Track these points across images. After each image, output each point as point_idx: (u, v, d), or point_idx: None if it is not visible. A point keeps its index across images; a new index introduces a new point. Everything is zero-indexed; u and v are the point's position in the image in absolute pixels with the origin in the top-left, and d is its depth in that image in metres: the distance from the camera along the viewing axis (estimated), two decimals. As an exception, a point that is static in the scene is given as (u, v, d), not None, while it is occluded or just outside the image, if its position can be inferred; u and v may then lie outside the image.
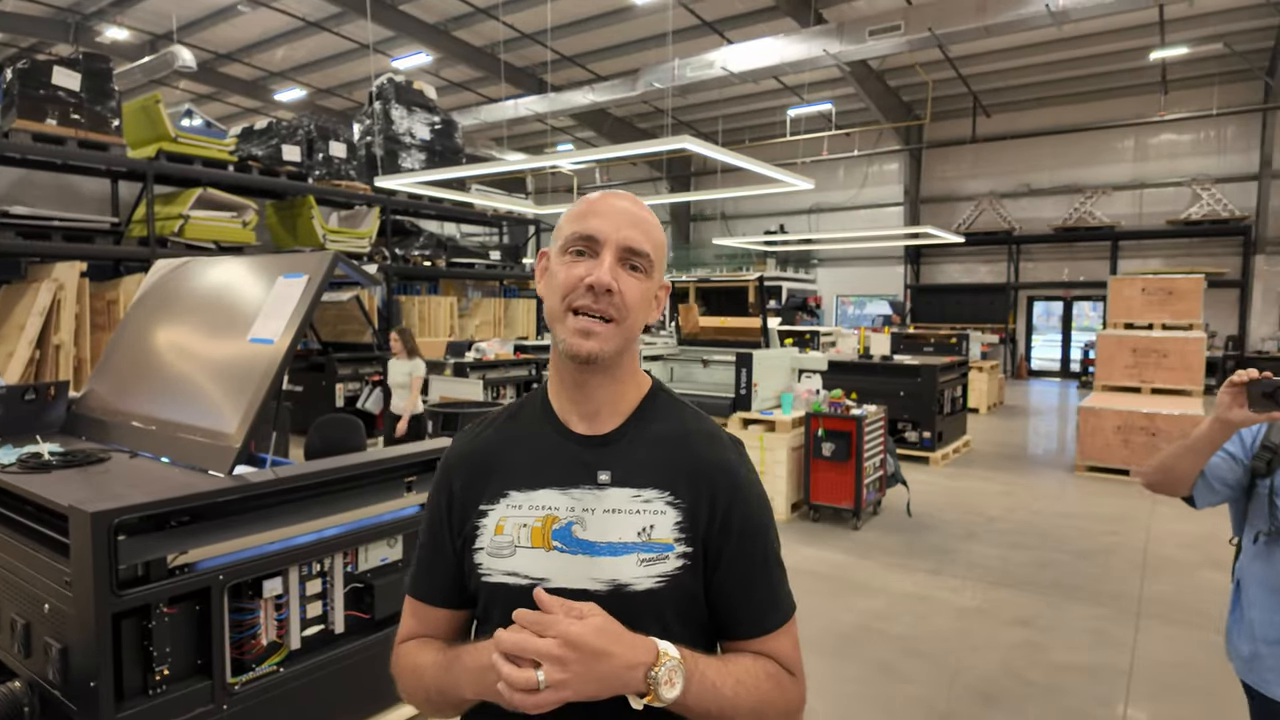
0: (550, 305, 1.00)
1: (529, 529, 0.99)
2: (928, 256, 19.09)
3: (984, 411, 11.84)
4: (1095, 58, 14.62)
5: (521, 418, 1.09)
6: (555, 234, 1.04)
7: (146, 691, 2.11)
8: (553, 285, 0.99)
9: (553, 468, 1.01)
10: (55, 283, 6.73)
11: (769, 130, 18.83)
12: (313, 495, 2.56)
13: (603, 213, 0.99)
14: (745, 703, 0.95)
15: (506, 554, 0.99)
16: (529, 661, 0.83)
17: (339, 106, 18.57)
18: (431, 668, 1.00)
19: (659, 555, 0.97)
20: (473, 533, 1.02)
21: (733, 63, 12.74)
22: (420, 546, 1.10)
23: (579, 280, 0.96)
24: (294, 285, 2.80)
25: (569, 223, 1.01)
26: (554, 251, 1.02)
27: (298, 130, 10.08)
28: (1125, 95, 15.92)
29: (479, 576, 1.00)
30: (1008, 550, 5.30)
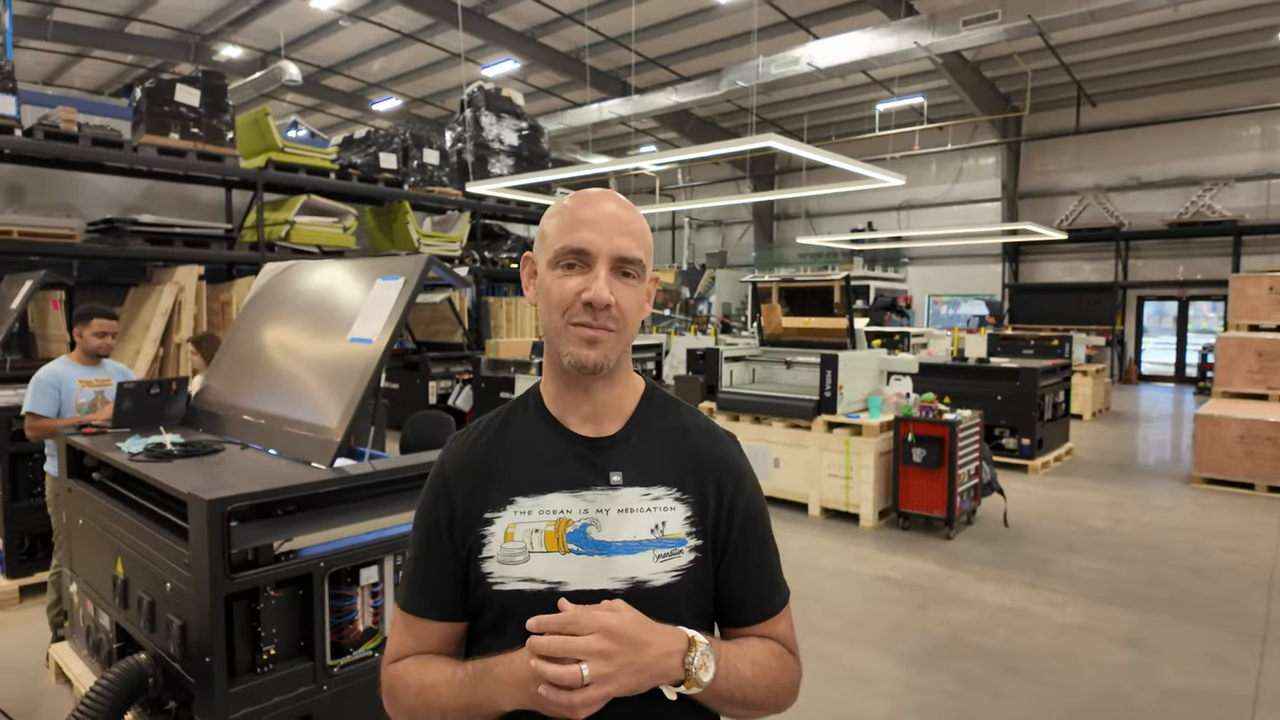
0: (548, 320, 0.99)
1: (541, 533, 0.99)
2: (1027, 254, 18.19)
3: (1088, 418, 11.19)
4: (1215, 40, 13.58)
5: (516, 422, 1.07)
6: (540, 241, 1.03)
7: (255, 669, 2.25)
8: (548, 300, 0.99)
9: (560, 471, 1.01)
10: (176, 285, 7.25)
11: (856, 126, 18.38)
12: (407, 488, 2.66)
13: (591, 222, 0.97)
14: (761, 683, 0.98)
15: (520, 560, 0.98)
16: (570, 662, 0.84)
17: (432, 114, 19.26)
18: (448, 684, 0.96)
19: (673, 550, 1.00)
20: (479, 542, 1.00)
21: (819, 58, 12.50)
22: (414, 560, 1.05)
23: (575, 296, 0.96)
24: (391, 287, 2.92)
25: (558, 234, 0.99)
26: (543, 262, 1.01)
27: (394, 138, 10.51)
28: (1249, 79, 14.71)
29: (489, 585, 0.99)
30: (1113, 564, 4.99)
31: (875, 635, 3.91)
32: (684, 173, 23.25)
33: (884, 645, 3.79)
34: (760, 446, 6.43)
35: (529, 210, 11.93)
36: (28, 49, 14.52)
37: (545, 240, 1.01)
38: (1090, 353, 12.28)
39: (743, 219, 23.48)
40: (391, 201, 10.32)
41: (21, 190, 7.91)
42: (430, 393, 8.73)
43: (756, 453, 6.47)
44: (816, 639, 3.85)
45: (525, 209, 11.83)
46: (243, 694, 2.20)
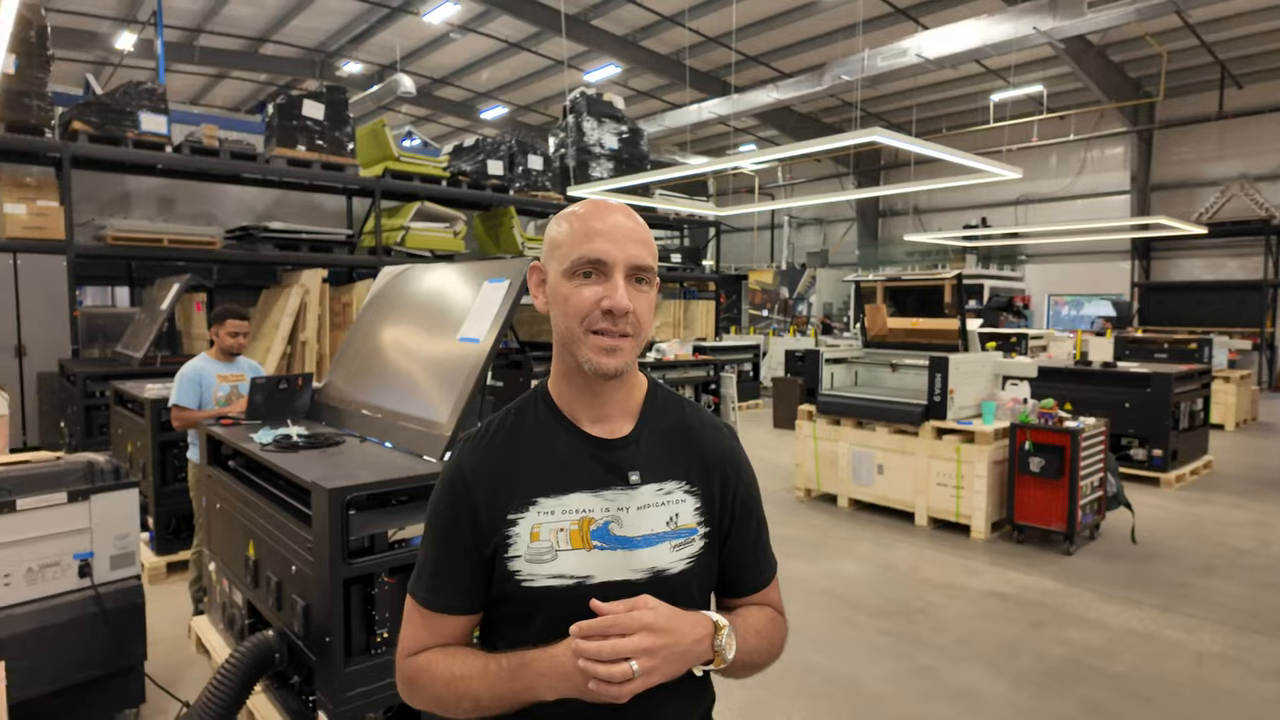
0: (566, 327, 1.03)
1: (566, 532, 1.03)
2: (1160, 250, 16.84)
3: (1231, 428, 10.24)
4: (1390, 8, 12.15)
5: (527, 424, 1.09)
6: (552, 251, 1.05)
7: (369, 651, 2.38)
8: (566, 308, 1.02)
9: (579, 472, 1.05)
10: (302, 288, 7.76)
11: (969, 118, 17.56)
12: (510, 484, 2.75)
13: (606, 233, 1.01)
14: (763, 647, 1.11)
15: (548, 559, 1.02)
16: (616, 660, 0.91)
17: (536, 121, 19.79)
18: (481, 676, 0.99)
19: (686, 539, 1.09)
20: (504, 542, 1.02)
21: (929, 49, 12.00)
22: (433, 559, 1.06)
23: (594, 304, 1.00)
24: (497, 289, 3.02)
25: (572, 244, 1.02)
26: (556, 272, 1.03)
27: (500, 146, 10.86)
28: None
29: (517, 583, 1.02)
30: (1261, 590, 4.55)
31: (986, 653, 3.72)
32: (784, 170, 22.89)
33: (996, 664, 3.60)
34: (863, 452, 6.25)
35: (629, 212, 12.05)
36: (177, 72, 15.91)
37: (558, 249, 1.04)
38: (1234, 357, 11.24)
39: (845, 216, 22.87)
40: (498, 207, 10.67)
41: (172, 202, 8.67)
42: (532, 391, 8.97)
43: (859, 458, 6.29)
44: (923, 655, 3.70)
45: (625, 211, 11.96)
46: (358, 674, 2.32)
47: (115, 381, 5.25)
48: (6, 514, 2.66)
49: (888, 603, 4.38)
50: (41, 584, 2.74)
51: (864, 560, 5.14)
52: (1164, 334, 11.55)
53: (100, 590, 2.83)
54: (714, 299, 14.40)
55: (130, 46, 13.33)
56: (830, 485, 6.53)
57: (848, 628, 4.03)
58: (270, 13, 14.09)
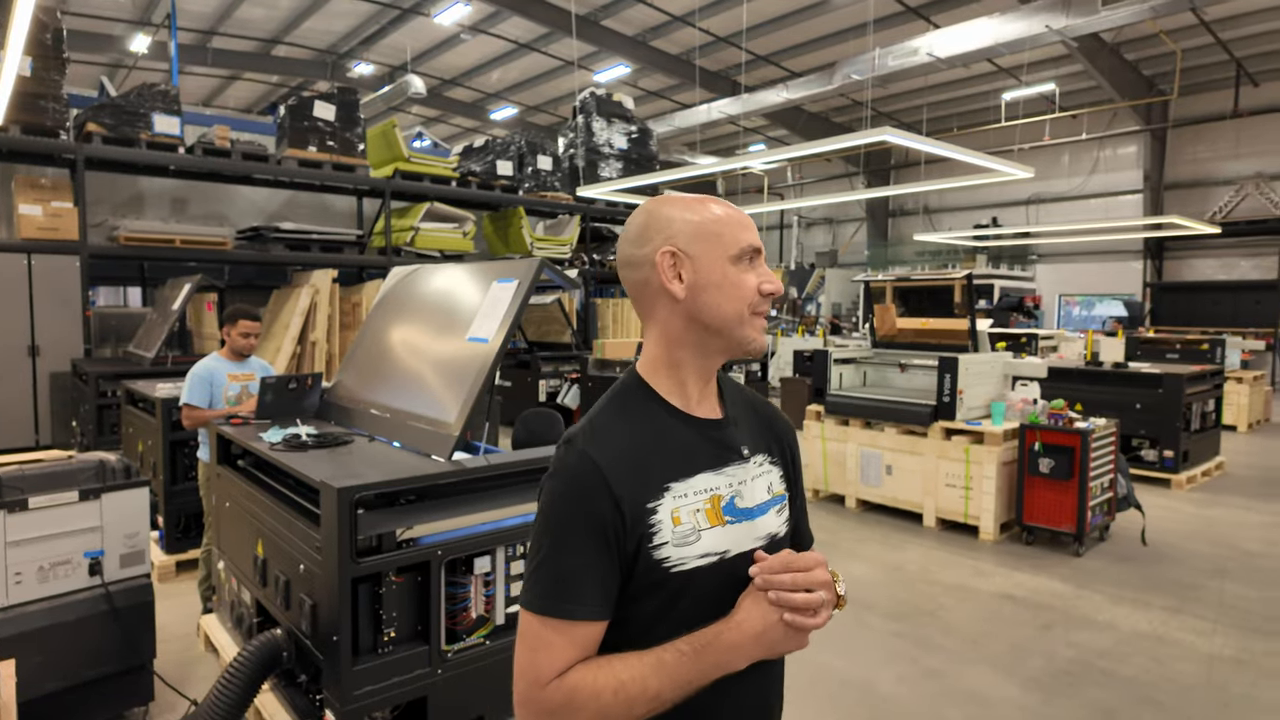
0: (734, 310, 1.07)
1: (702, 512, 1.05)
2: (1173, 250, 16.69)
3: (1243, 430, 10.14)
4: None
5: (636, 414, 1.08)
6: (710, 238, 1.07)
7: (376, 650, 2.39)
8: (738, 293, 1.06)
9: (700, 453, 1.08)
10: (313, 288, 7.80)
11: (980, 117, 17.47)
12: (519, 481, 2.76)
13: (747, 224, 1.10)
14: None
15: (693, 541, 1.03)
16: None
17: (545, 122, 19.82)
18: (657, 671, 0.96)
19: (782, 504, 1.17)
20: (648, 532, 1.01)
21: (940, 48, 11.95)
22: (580, 566, 0.98)
23: (755, 288, 1.07)
24: (506, 289, 3.03)
25: (736, 231, 1.08)
26: (721, 258, 1.07)
27: (510, 146, 10.89)
28: None
29: (666, 570, 1.01)
30: (1273, 592, 4.50)
31: (995, 655, 3.70)
32: (794, 170, 22.83)
33: (1005, 666, 3.58)
34: (871, 452, 6.23)
35: (637, 212, 12.06)
36: (190, 74, 16.03)
37: (719, 236, 1.07)
38: (1247, 358, 11.12)
39: (855, 216, 22.79)
40: (507, 207, 10.70)
41: (185, 202, 8.75)
42: (540, 391, 8.99)
43: (867, 459, 6.27)
44: (932, 657, 3.69)
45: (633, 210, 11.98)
46: (365, 673, 2.34)
47: (126, 381, 5.29)
48: (19, 512, 2.69)
49: (898, 604, 4.37)
50: (53, 582, 2.76)
51: (873, 561, 5.12)
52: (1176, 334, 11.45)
53: (110, 588, 2.85)
54: (723, 299, 14.39)
55: (144, 49, 13.43)
56: (838, 486, 6.51)
57: (860, 629, 4.02)
58: (282, 15, 14.17)
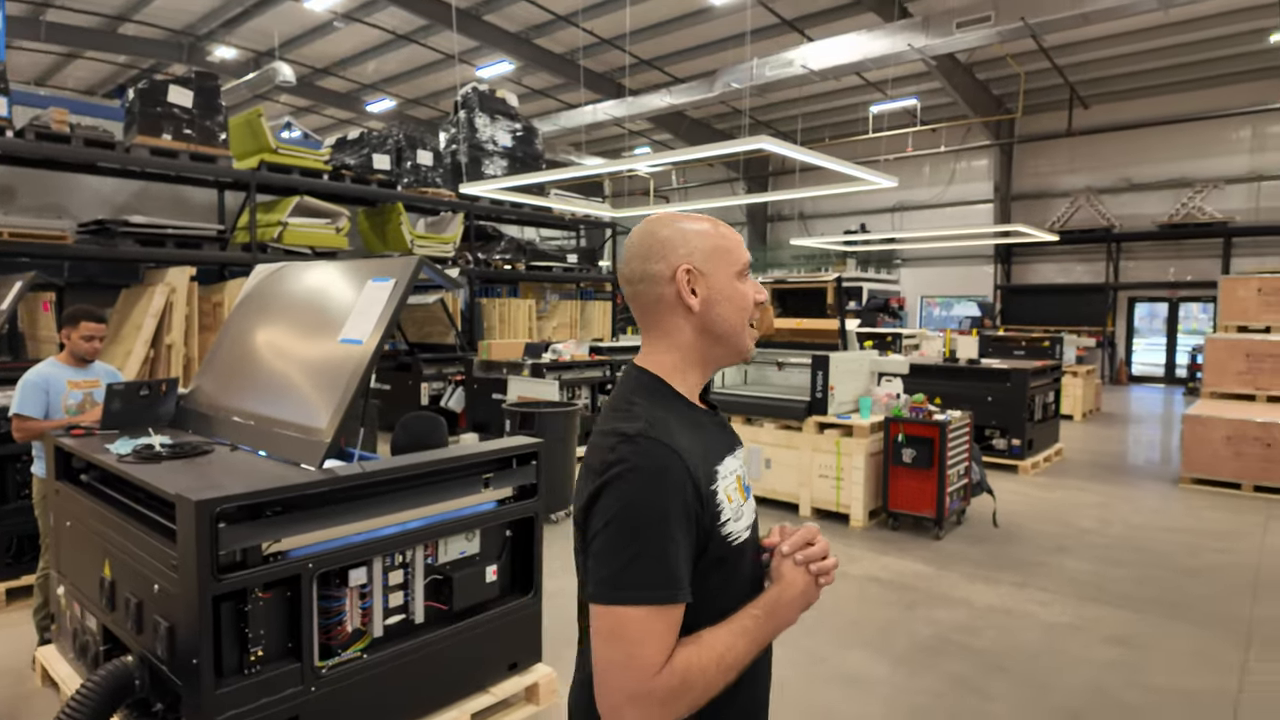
0: (738, 321, 1.19)
1: (736, 489, 1.17)
2: (1019, 256, 18.26)
3: (1079, 419, 11.24)
4: (1206, 42, 13.66)
5: (666, 406, 1.15)
6: (721, 255, 1.18)
7: (243, 670, 2.26)
8: (743, 304, 1.19)
9: (720, 441, 1.20)
10: (168, 286, 7.23)
11: (850, 128, 18.43)
12: (396, 489, 2.67)
13: (742, 241, 1.22)
14: None
15: (740, 516, 1.16)
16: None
17: (426, 116, 19.25)
18: (743, 636, 1.07)
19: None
20: (716, 511, 1.10)
21: (813, 60, 12.53)
22: (672, 552, 1.01)
23: (752, 299, 1.20)
24: (382, 289, 2.93)
25: (739, 248, 1.20)
26: (729, 274, 1.18)
27: (387, 140, 10.51)
28: (1240, 81, 14.81)
29: (729, 544, 1.13)
30: (1102, 565, 5.02)
31: (867, 636, 3.93)
32: (678, 174, 23.27)
33: (876, 646, 3.81)
34: (752, 448, 6.45)
35: (522, 210, 11.93)
36: (21, 49, 14.46)
37: (728, 254, 1.18)
38: (1081, 354, 12.34)
39: (737, 221, 23.50)
40: (385, 203, 10.32)
41: (13, 191, 7.88)
42: (422, 394, 8.73)
43: (749, 454, 6.48)
44: (810, 640, 3.87)
45: (519, 210, 11.84)
46: (230, 695, 2.20)
47: (-55, 390, 4.72)
48: None
49: (775, 593, 4.54)
50: None
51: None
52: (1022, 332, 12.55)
53: (-75, 622, 2.54)
54: (611, 300, 14.47)
55: (-38, 18, 12.00)
56: (722, 481, 6.70)
57: (737, 619, 4.16)
58: (130, -11, 13.06)
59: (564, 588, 4.55)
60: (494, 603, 3.00)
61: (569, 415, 5.81)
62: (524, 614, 3.08)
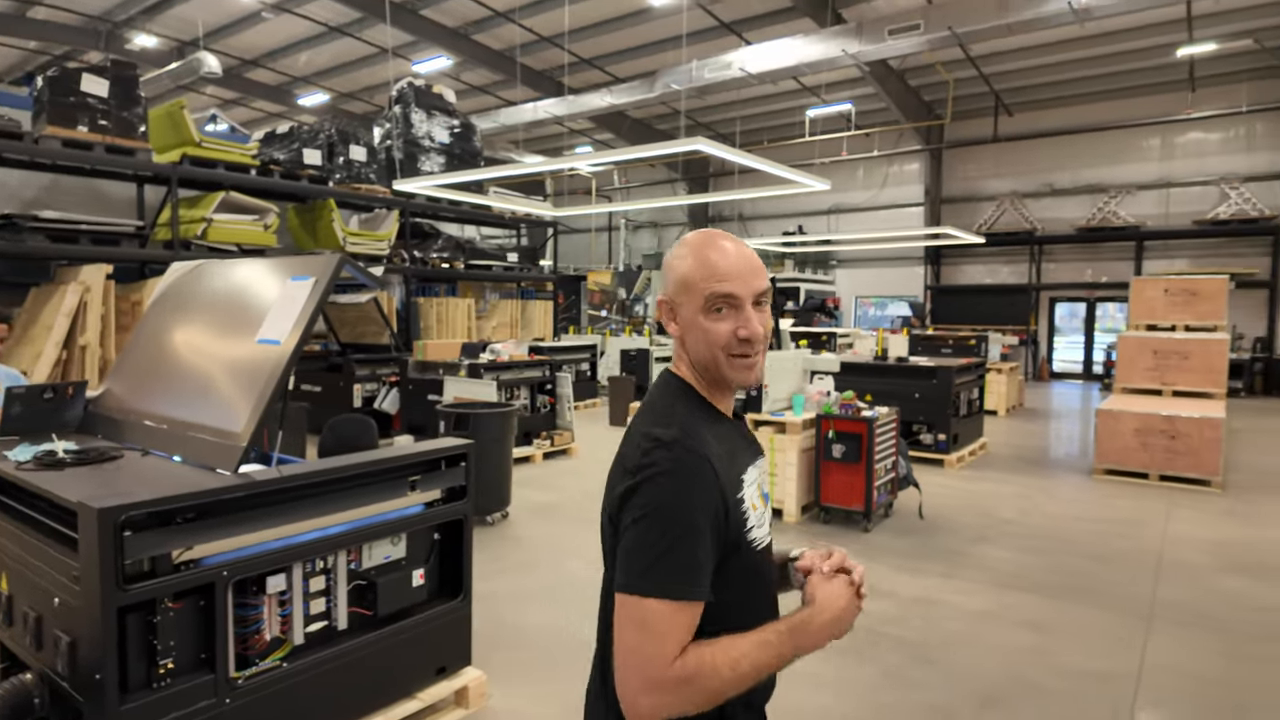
0: (708, 354, 1.19)
1: (758, 496, 1.24)
2: (948, 257, 18.90)
3: (1003, 414, 11.70)
4: (1120, 55, 14.39)
5: (698, 412, 1.21)
6: (683, 287, 1.19)
7: (150, 685, 2.17)
8: (707, 339, 1.18)
9: (744, 449, 1.25)
10: (82, 285, 6.90)
11: (788, 131, 18.77)
12: (317, 493, 2.61)
13: (731, 272, 1.17)
14: None
15: (761, 522, 1.23)
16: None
17: (361, 110, 18.81)
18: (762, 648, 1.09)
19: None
20: (741, 518, 1.17)
21: (751, 64, 12.72)
22: (695, 550, 1.08)
23: (730, 334, 1.17)
24: (301, 287, 2.86)
25: (705, 282, 1.17)
26: (691, 308, 1.18)
27: (319, 134, 10.24)
28: (1151, 93, 15.66)
29: (753, 548, 1.20)
30: (1020, 554, 5.25)
31: (795, 628, 4.01)
32: (620, 174, 23.31)
33: (803, 638, 3.89)
34: (689, 446, 6.51)
35: (460, 208, 11.78)
36: (-84, 31, 13.59)
37: (692, 287, 1.18)
38: (1006, 351, 12.85)
39: (678, 221, 23.68)
40: (316, 199, 10.05)
41: (-94, 183, 7.40)
42: (355, 395, 8.53)
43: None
44: (738, 634, 3.93)
45: (457, 207, 11.68)
46: (137, 711, 2.12)
47: None
48: None
49: (709, 589, 4.60)
50: None
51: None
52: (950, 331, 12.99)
53: None
54: (552, 299, 14.41)
55: None
56: (660, 480, 6.74)
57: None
58: (40, -29, 12.39)
59: (497, 590, 4.53)
60: (421, 607, 2.96)
61: (505, 416, 5.77)
62: (453, 617, 3.05)
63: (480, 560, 5.06)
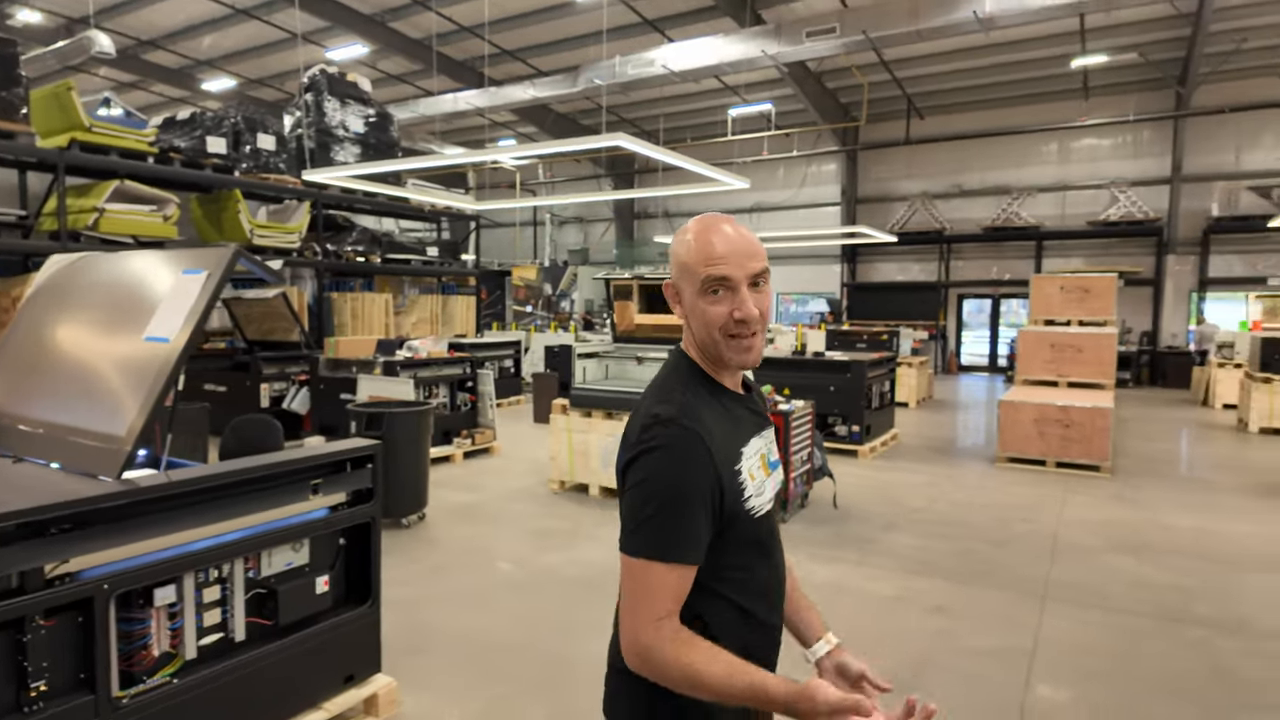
0: (707, 335, 1.25)
1: (759, 466, 1.31)
2: (864, 255, 19.53)
3: (913, 406, 12.17)
4: (1021, 64, 15.15)
5: (702, 394, 1.28)
6: (683, 271, 1.26)
7: (21, 709, 2.02)
8: (704, 320, 1.24)
9: (748, 422, 1.33)
10: (-47, 278, 6.37)
11: (711, 129, 18.98)
12: (209, 499, 2.48)
13: (727, 255, 1.22)
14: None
15: (762, 491, 1.30)
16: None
17: (271, 98, 18.02)
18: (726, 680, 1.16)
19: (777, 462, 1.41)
20: (738, 488, 1.24)
21: (673, 61, 12.80)
22: (689, 517, 1.17)
23: (727, 315, 1.22)
24: (193, 282, 2.71)
25: (700, 266, 1.23)
26: (690, 290, 1.25)
27: (224, 121, 9.76)
28: (1050, 100, 16.55)
29: (751, 516, 1.27)
30: (927, 540, 5.47)
31: (712, 620, 4.06)
32: (545, 169, 23.10)
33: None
34: (613, 441, 6.51)
35: (377, 201, 11.44)
36: None
37: (689, 271, 1.25)
38: (917, 346, 13.37)
39: (604, 217, 23.65)
40: (221, 189, 9.57)
41: None
42: (263, 395, 8.17)
43: (609, 447, 6.54)
44: (657, 628, 3.95)
45: (373, 199, 11.33)
46: (4, 737, 1.97)
47: None
48: None
49: (630, 584, 4.62)
50: None
51: (611, 545, 5.32)
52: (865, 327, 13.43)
53: None
54: (475, 294, 14.15)
55: None
56: (583, 476, 6.73)
57: (590, 614, 4.19)
58: (-97, -64, 11.36)
59: (412, 594, 4.42)
60: (327, 614, 2.86)
61: (421, 415, 5.63)
62: (361, 624, 2.95)
63: (395, 564, 4.94)
